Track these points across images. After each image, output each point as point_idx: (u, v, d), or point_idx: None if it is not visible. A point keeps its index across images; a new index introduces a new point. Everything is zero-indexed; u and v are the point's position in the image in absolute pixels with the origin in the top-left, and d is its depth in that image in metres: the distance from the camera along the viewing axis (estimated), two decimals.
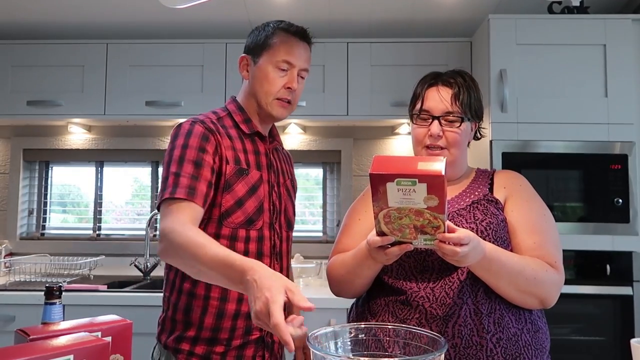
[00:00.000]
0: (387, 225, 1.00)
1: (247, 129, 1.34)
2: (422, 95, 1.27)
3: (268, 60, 1.31)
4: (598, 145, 2.16)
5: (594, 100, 2.17)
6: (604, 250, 2.12)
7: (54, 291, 0.91)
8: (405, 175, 0.92)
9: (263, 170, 1.32)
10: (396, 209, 0.96)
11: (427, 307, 1.13)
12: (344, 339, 0.89)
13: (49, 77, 2.62)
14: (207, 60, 2.59)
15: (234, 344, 1.27)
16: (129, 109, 2.58)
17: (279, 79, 1.31)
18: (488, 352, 1.10)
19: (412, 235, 1.01)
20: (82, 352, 0.68)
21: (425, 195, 0.93)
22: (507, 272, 1.10)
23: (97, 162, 3.02)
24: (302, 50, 1.34)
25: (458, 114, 1.23)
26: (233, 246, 1.25)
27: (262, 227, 1.29)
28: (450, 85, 1.25)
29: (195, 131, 1.25)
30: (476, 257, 1.05)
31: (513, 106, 2.17)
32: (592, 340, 2.11)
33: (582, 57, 2.20)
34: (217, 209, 1.24)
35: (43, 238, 2.95)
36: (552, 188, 2.17)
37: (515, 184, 1.29)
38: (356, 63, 2.54)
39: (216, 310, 1.26)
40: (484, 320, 1.11)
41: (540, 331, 1.18)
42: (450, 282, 1.14)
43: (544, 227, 1.21)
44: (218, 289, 1.25)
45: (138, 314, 2.15)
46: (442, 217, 0.97)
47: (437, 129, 1.22)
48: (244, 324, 1.28)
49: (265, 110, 1.33)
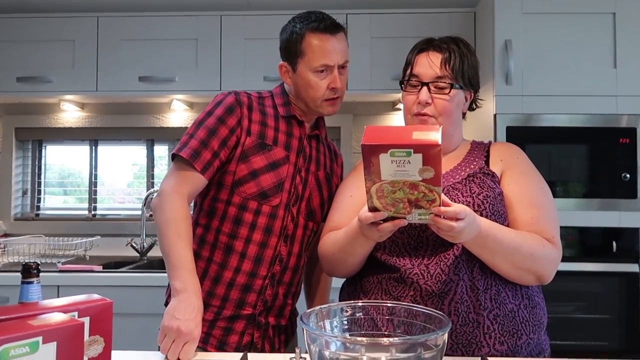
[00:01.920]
0: (380, 200, 0.95)
1: (284, 112, 1.36)
2: (412, 62, 1.21)
3: (306, 67, 1.30)
4: (606, 118, 2.08)
5: (602, 72, 2.09)
6: (610, 227, 2.06)
7: (31, 269, 0.86)
8: (400, 145, 0.87)
9: (292, 152, 1.34)
10: (389, 182, 0.91)
11: (421, 284, 1.09)
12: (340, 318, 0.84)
13: (38, 52, 2.54)
14: (201, 34, 2.50)
15: (224, 314, 1.29)
16: (122, 85, 2.51)
17: (322, 81, 1.30)
18: (485, 329, 1.07)
19: (406, 210, 0.95)
20: (52, 333, 0.63)
21: (420, 166, 0.88)
22: (503, 248, 1.06)
23: (92, 141, 2.95)
24: (337, 44, 1.30)
25: (448, 79, 1.17)
26: (241, 216, 1.29)
27: (278, 205, 1.31)
28: (441, 50, 1.19)
29: (225, 101, 1.31)
30: (471, 234, 1.00)
31: (518, 78, 2.09)
32: (596, 318, 2.07)
33: (590, 26, 2.11)
34: (230, 176, 1.29)
35: (38, 219, 2.91)
36: (558, 163, 2.11)
37: (513, 156, 1.24)
38: (356, 35, 2.45)
39: (214, 275, 1.30)
40: (481, 297, 1.08)
41: (538, 307, 1.15)
42: (446, 258, 1.10)
43: (541, 201, 1.17)
44: (220, 254, 1.30)
45: (134, 295, 2.11)
46: (437, 189, 0.92)
47: (426, 96, 1.16)
48: (237, 295, 1.30)
49: (315, 110, 1.35)
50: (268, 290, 1.32)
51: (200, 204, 1.36)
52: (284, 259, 1.34)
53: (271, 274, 1.32)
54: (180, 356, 1.09)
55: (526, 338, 1.10)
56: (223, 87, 2.47)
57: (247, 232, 1.30)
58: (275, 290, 1.33)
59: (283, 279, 1.35)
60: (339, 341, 0.79)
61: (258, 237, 1.30)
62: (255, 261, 1.30)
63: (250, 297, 1.30)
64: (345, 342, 0.79)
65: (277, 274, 1.33)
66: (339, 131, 2.82)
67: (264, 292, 1.31)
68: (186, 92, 2.55)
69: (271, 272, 1.32)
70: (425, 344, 0.74)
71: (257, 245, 1.30)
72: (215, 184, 1.31)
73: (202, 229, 1.33)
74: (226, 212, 1.30)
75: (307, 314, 0.81)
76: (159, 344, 1.12)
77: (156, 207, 1.23)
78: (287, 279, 1.36)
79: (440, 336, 0.73)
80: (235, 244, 1.29)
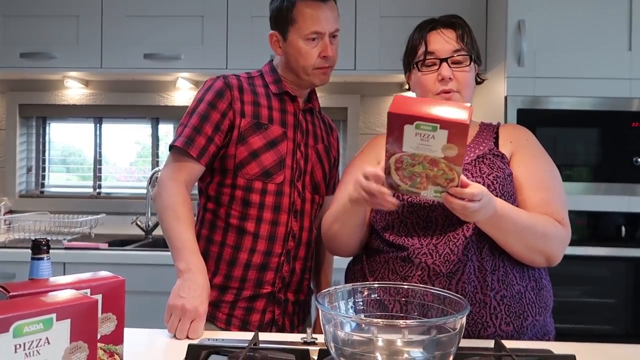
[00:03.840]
0: (398, 171, 0.93)
1: (276, 89, 1.36)
2: (424, 40, 1.19)
3: (297, 35, 1.30)
4: (618, 102, 2.05)
5: (617, 54, 2.05)
6: (620, 212, 2.04)
7: (41, 245, 0.85)
8: (427, 118, 0.84)
9: (288, 128, 1.34)
10: (410, 154, 0.89)
11: (429, 264, 1.09)
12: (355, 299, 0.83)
13: (42, 27, 2.49)
14: (207, 10, 2.45)
15: (244, 295, 1.30)
16: (127, 62, 2.47)
17: (313, 50, 1.30)
18: (492, 310, 1.08)
19: (423, 185, 0.93)
20: (66, 310, 0.62)
21: (444, 143, 0.85)
22: (516, 229, 1.06)
23: (96, 118, 2.92)
24: (328, 12, 1.30)
25: (466, 52, 1.17)
26: (248, 197, 1.30)
27: (282, 182, 1.32)
28: (453, 26, 1.19)
29: (214, 86, 1.32)
30: (487, 214, 1.00)
31: (531, 60, 2.05)
32: (603, 302, 2.07)
33: (605, 7, 2.05)
34: (231, 160, 1.30)
35: (42, 196, 2.90)
36: (569, 146, 2.08)
37: (522, 138, 1.24)
38: (364, 14, 2.41)
39: (229, 258, 1.30)
40: (488, 278, 1.09)
41: (545, 289, 1.17)
42: (455, 238, 1.10)
43: (551, 183, 1.18)
44: (233, 236, 1.30)
45: (140, 273, 2.11)
46: (458, 169, 0.90)
47: (448, 71, 1.15)
48: (255, 275, 1.30)
49: (306, 80, 1.35)
50: (285, 267, 1.33)
51: (206, 191, 1.36)
52: (297, 235, 1.35)
53: (286, 250, 1.33)
54: (189, 334, 1.09)
55: (532, 320, 1.11)
56: (229, 66, 2.43)
57: (257, 212, 1.30)
58: (292, 266, 1.34)
59: (298, 254, 1.36)
60: (354, 322, 0.78)
61: (268, 216, 1.31)
62: (269, 240, 1.31)
63: (268, 276, 1.31)
64: (360, 323, 0.78)
65: (292, 250, 1.34)
66: (345, 112, 2.79)
67: (281, 269, 1.33)
68: (192, 70, 2.52)
69: (286, 248, 1.33)
70: (442, 327, 0.73)
71: (268, 224, 1.31)
72: (218, 171, 1.32)
73: (211, 214, 1.34)
74: (233, 196, 1.31)
75: (322, 294, 0.80)
76: (166, 323, 1.12)
77: (156, 196, 1.27)
78: (302, 253, 1.37)
79: (458, 319, 0.72)
80: (247, 225, 1.30)
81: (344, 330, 0.76)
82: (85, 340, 0.65)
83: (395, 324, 0.74)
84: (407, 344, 0.74)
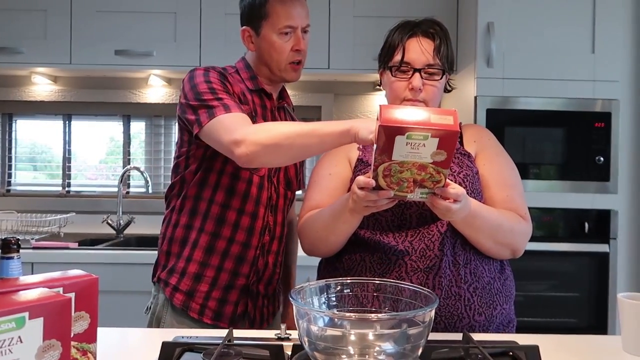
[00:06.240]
0: (385, 178, 0.95)
1: (252, 86, 1.36)
2: (402, 46, 1.21)
3: (270, 29, 1.31)
4: (582, 103, 2.12)
5: (581, 57, 2.12)
6: (584, 209, 2.12)
7: (11, 244, 0.84)
8: (419, 129, 0.87)
9: None
10: (399, 162, 0.91)
11: (406, 261, 1.13)
12: (328, 294, 0.85)
13: (8, 22, 2.42)
14: (180, 7, 2.43)
15: (219, 284, 1.30)
16: (97, 59, 2.42)
17: (285, 44, 1.32)
18: (466, 302, 1.14)
19: (410, 189, 0.97)
20: (39, 308, 0.61)
21: (434, 150, 0.89)
22: (488, 226, 1.13)
23: (65, 115, 2.86)
24: (300, 7, 1.33)
25: (439, 66, 1.20)
26: (235, 185, 1.30)
27: (263, 176, 1.33)
28: (432, 37, 1.21)
29: (212, 73, 1.29)
30: (462, 214, 1.05)
31: (499, 61, 2.11)
32: (567, 296, 2.14)
33: (571, 11, 2.13)
34: None
35: (9, 194, 2.82)
36: (535, 145, 2.15)
37: (485, 137, 1.31)
38: (338, 14, 2.43)
39: (206, 245, 1.30)
40: (461, 271, 1.15)
41: (508, 279, 1.25)
42: (429, 234, 1.15)
43: (513, 180, 1.26)
44: (212, 223, 1.30)
45: (111, 272, 2.08)
46: (445, 172, 0.93)
47: (419, 82, 1.18)
48: (232, 265, 1.31)
49: (279, 76, 1.36)
50: (260, 260, 1.35)
51: (187, 178, 1.34)
52: (272, 229, 1.37)
53: (262, 244, 1.35)
54: None
55: (500, 308, 1.18)
56: (203, 63, 2.41)
57: (240, 203, 1.31)
58: (265, 259, 1.36)
59: (272, 248, 1.38)
60: (327, 317, 0.80)
61: (250, 208, 1.32)
62: (248, 232, 1.32)
63: (244, 268, 1.32)
64: (333, 318, 0.79)
65: (266, 244, 1.36)
66: (319, 110, 2.80)
67: (257, 262, 1.34)
68: (164, 67, 2.49)
69: (261, 242, 1.35)
70: (412, 320, 0.76)
71: (249, 216, 1.32)
72: (207, 158, 1.30)
73: (191, 200, 1.33)
74: (219, 183, 1.31)
75: (295, 290, 0.81)
76: None
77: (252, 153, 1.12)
78: (275, 247, 1.39)
79: (427, 312, 0.74)
80: (228, 214, 1.31)
81: (317, 325, 0.78)
82: (58, 339, 0.65)
83: (366, 317, 0.76)
84: (379, 337, 0.76)
